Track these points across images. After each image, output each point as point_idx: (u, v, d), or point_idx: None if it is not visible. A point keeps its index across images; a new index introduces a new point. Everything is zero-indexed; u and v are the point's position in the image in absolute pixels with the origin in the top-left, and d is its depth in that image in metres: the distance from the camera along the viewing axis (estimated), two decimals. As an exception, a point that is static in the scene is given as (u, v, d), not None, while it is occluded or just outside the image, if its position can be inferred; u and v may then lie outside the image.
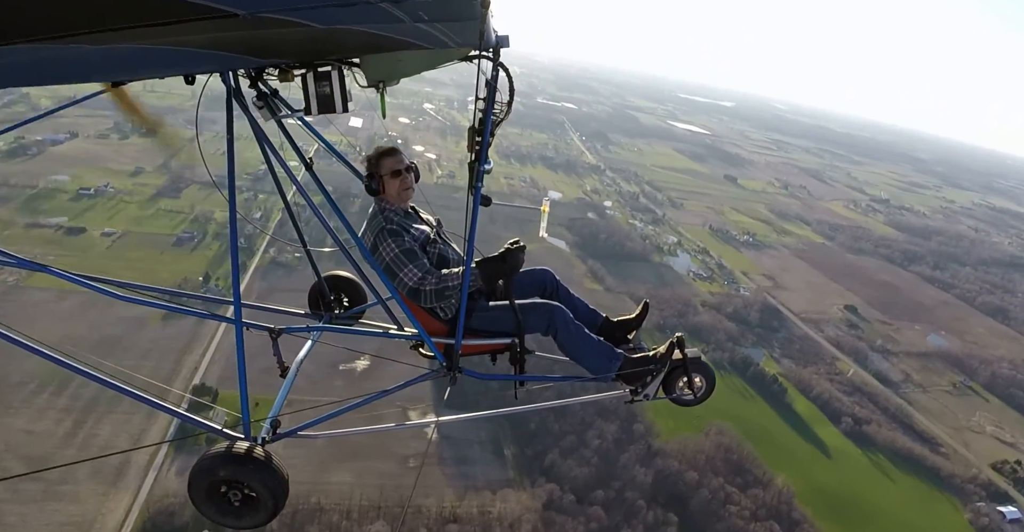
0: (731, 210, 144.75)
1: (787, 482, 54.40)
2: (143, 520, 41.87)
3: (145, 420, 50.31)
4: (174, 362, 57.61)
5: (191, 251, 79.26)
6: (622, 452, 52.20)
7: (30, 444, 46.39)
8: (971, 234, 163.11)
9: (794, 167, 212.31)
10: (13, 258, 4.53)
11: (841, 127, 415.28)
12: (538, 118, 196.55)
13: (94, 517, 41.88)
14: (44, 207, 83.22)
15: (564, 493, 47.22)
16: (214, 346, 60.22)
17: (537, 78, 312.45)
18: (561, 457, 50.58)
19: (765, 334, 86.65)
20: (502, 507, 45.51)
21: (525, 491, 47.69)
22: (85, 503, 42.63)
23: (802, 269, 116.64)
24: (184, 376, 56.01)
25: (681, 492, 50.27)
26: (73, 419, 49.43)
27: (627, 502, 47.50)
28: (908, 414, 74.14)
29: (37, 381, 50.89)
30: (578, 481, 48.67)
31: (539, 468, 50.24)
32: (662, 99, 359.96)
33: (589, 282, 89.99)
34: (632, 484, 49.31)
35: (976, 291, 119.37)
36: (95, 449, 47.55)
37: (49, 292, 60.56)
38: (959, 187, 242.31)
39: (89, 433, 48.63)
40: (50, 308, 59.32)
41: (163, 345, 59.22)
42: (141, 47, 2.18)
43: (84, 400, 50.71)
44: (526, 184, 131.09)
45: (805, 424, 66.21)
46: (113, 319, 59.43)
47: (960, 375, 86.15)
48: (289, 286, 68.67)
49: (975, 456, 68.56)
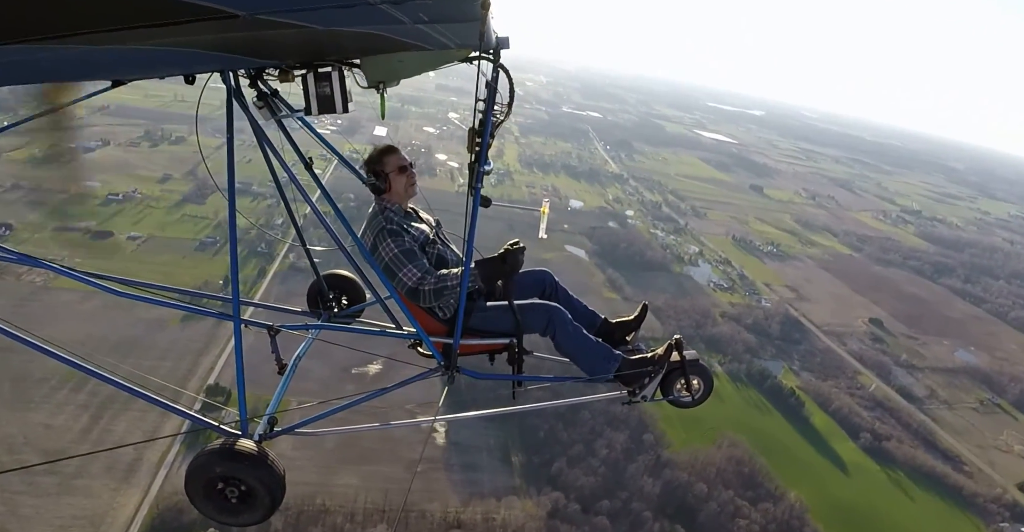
0: (755, 220, 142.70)
1: (800, 497, 53.23)
2: (152, 516, 42.57)
3: (159, 418, 51.27)
4: (191, 363, 58.75)
5: (213, 255, 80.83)
6: (631, 462, 51.66)
7: (48, 439, 47.67)
8: (1006, 247, 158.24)
9: (822, 177, 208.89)
10: (13, 254, 4.59)
11: (872, 136, 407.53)
12: (562, 127, 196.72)
13: (105, 511, 42.76)
14: (73, 211, 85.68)
15: (569, 502, 46.87)
16: (230, 347, 61.19)
17: (563, 87, 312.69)
18: (568, 466, 50.26)
19: (785, 346, 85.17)
20: (506, 514, 45.38)
21: (530, 499, 47.49)
22: (98, 498, 43.59)
23: (827, 281, 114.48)
24: (200, 376, 57.16)
25: (690, 504, 49.54)
26: (90, 415, 50.70)
27: (633, 513, 46.99)
28: (931, 431, 72.07)
29: (57, 378, 52.23)
30: (584, 490, 48.27)
31: (546, 476, 49.98)
32: (690, 108, 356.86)
33: (607, 291, 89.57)
34: (639, 495, 48.77)
35: (1009, 306, 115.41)
36: (109, 444, 48.76)
37: (75, 293, 62.15)
38: (994, 198, 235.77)
39: (104, 429, 49.80)
40: (75, 308, 60.95)
41: (181, 346, 60.45)
42: (141, 47, 2.19)
43: (101, 397, 51.91)
44: (548, 192, 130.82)
45: (822, 438, 64.77)
46: (134, 320, 60.87)
47: (988, 392, 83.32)
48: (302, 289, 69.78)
49: (1000, 475, 66.27)
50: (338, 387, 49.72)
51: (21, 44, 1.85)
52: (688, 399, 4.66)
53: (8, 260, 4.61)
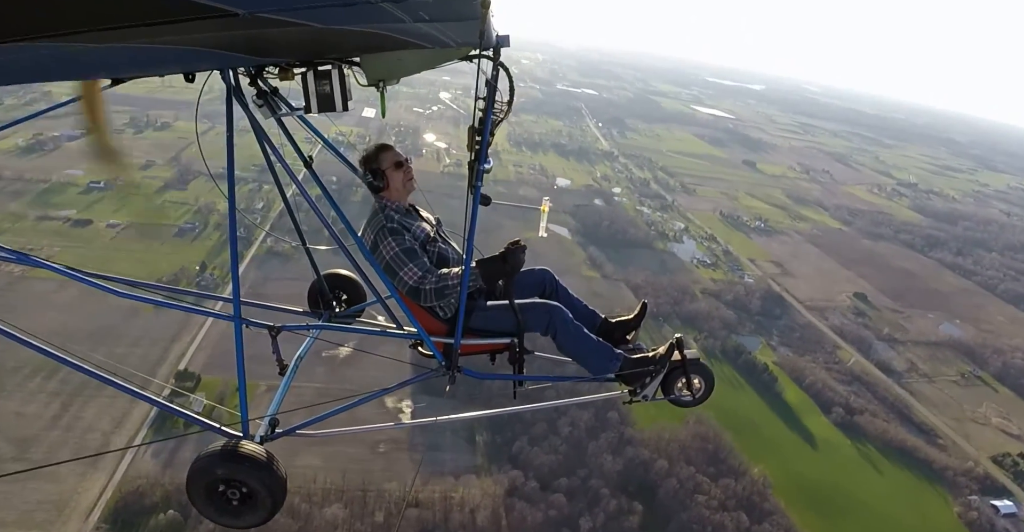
0: (746, 195, 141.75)
1: (764, 472, 53.50)
2: (115, 500, 43.44)
3: (128, 404, 52.19)
4: (162, 350, 59.48)
5: (192, 241, 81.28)
6: (593, 440, 52.06)
7: (19, 426, 48.67)
8: (1002, 218, 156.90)
9: (819, 151, 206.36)
10: (15, 254, 4.61)
11: (875, 110, 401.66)
12: (556, 105, 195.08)
13: (70, 496, 43.65)
14: (55, 200, 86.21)
15: (528, 480, 47.43)
16: (202, 334, 61.87)
17: (559, 65, 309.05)
18: (530, 444, 50.71)
19: (765, 322, 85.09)
20: (465, 493, 46.01)
21: (490, 477, 48.09)
22: (64, 483, 44.40)
23: (814, 255, 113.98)
24: (171, 362, 57.84)
25: (651, 481, 49.98)
26: (60, 402, 51.52)
27: (591, 490, 47.45)
28: (908, 404, 72.13)
29: (31, 367, 52.98)
30: (544, 468, 48.75)
31: (508, 455, 50.55)
32: (688, 83, 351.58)
33: (587, 269, 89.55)
34: (599, 472, 49.21)
35: (1000, 278, 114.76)
36: (79, 431, 49.83)
37: (51, 283, 62.46)
38: (995, 170, 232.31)
39: (75, 416, 50.71)
40: (51, 299, 61.45)
41: (154, 333, 60.99)
42: (141, 46, 2.19)
43: (73, 385, 52.66)
44: (535, 172, 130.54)
45: (793, 414, 64.88)
46: (108, 309, 61.30)
47: (970, 365, 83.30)
48: (284, 276, 70.10)
49: (976, 448, 66.34)
50: (308, 371, 49.97)
51: (20, 43, 1.86)
52: (689, 398, 4.69)
53: (9, 260, 4.63)
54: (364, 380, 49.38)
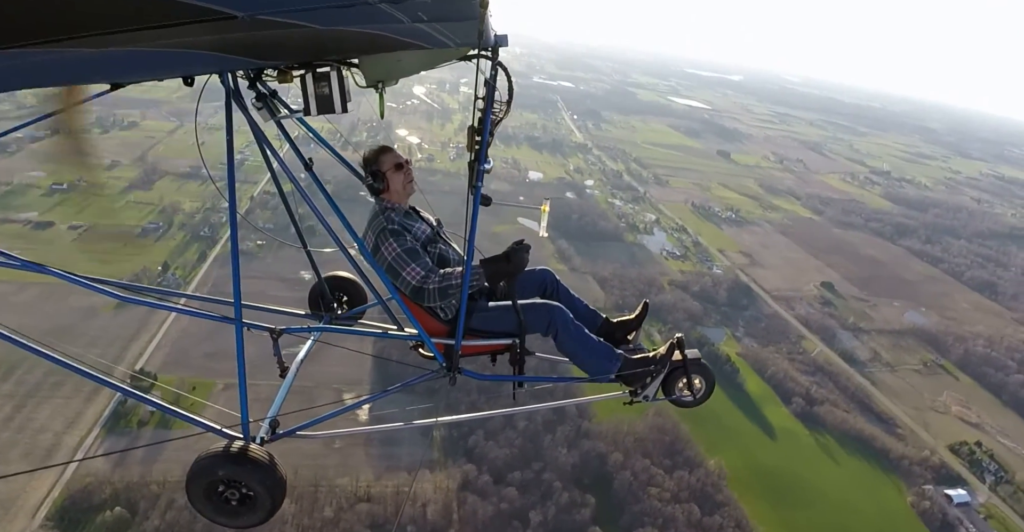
0: (718, 186, 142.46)
1: (720, 463, 54.12)
2: (63, 498, 43.27)
3: (82, 404, 52.01)
4: (120, 349, 59.00)
5: (155, 241, 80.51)
6: (549, 434, 52.36)
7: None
8: (972, 206, 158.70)
9: (793, 140, 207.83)
10: (17, 259, 4.60)
11: (852, 99, 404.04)
12: (531, 98, 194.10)
13: (18, 495, 43.36)
14: (16, 203, 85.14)
15: (481, 474, 47.65)
16: (161, 333, 61.54)
17: (537, 58, 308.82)
18: (486, 438, 50.89)
19: (731, 313, 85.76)
20: (418, 487, 46.14)
21: (444, 472, 48.30)
22: (12, 482, 43.69)
23: (783, 245, 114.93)
24: (128, 361, 57.36)
25: (606, 474, 50.43)
26: (13, 404, 51.06)
27: (544, 483, 47.81)
28: (869, 394, 72.99)
29: (-16, 369, 52.60)
30: (498, 462, 49.00)
31: (463, 449, 50.73)
32: (666, 75, 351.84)
33: (555, 262, 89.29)
34: (554, 465, 49.53)
35: (966, 265, 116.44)
36: (31, 432, 49.43)
37: (11, 285, 61.93)
38: (968, 157, 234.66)
39: (27, 417, 50.30)
40: (9, 300, 60.78)
41: (112, 332, 60.59)
42: (139, 49, 2.18)
43: (28, 386, 52.49)
44: (507, 165, 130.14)
45: (754, 405, 65.42)
46: (67, 309, 60.93)
47: (933, 353, 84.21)
48: (249, 274, 69.52)
49: (934, 437, 67.14)
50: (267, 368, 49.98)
51: (18, 49, 1.85)
52: (690, 399, 4.71)
53: (12, 266, 4.57)
54: (325, 376, 49.41)
